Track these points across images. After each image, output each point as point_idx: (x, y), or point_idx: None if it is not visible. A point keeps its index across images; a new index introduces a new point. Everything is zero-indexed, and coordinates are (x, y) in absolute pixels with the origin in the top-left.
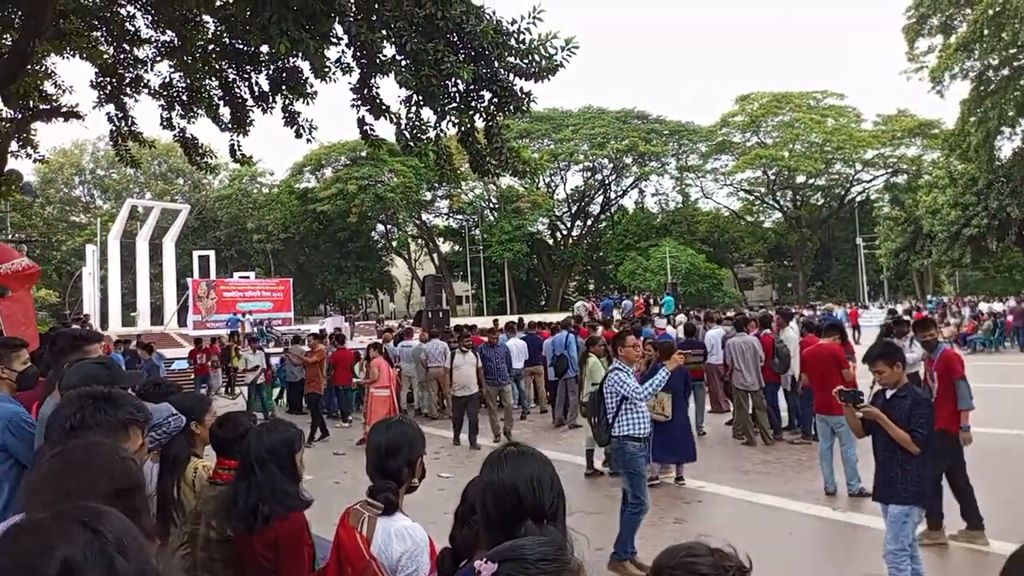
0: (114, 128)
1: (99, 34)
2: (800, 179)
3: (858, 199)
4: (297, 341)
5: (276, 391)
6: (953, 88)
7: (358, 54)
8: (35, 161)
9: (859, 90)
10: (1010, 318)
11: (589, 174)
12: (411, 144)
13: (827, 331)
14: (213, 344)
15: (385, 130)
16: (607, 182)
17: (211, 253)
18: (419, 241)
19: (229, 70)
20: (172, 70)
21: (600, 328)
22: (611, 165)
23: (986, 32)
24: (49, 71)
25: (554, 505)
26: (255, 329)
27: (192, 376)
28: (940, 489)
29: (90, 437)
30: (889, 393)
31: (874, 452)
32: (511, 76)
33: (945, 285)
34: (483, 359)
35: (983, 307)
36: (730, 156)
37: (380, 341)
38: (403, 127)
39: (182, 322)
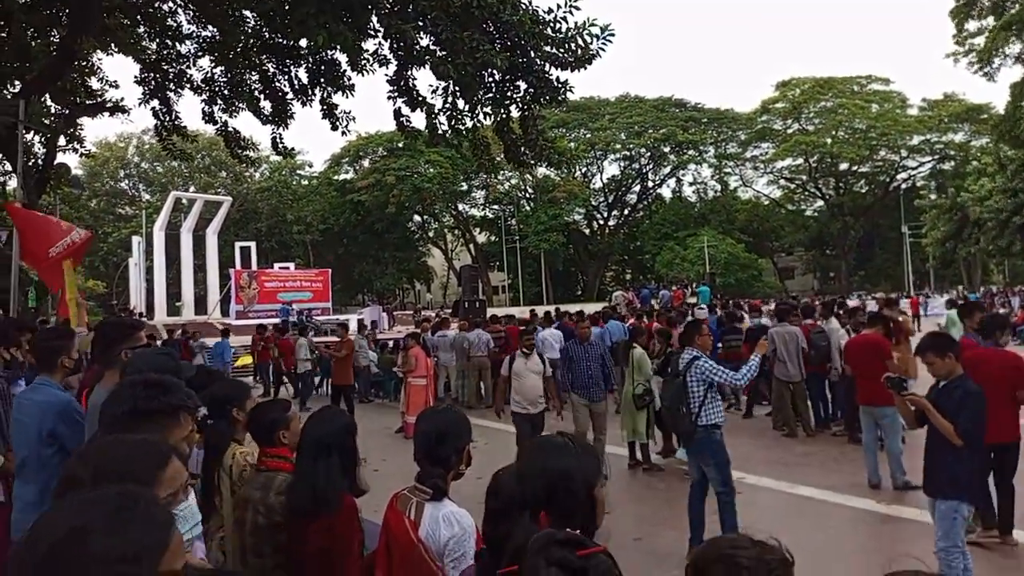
0: (159, 123)
1: (142, 30)
2: (843, 166)
3: (903, 186)
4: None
5: (317, 379)
6: (1003, 71)
7: (394, 46)
8: (81, 155)
9: (904, 74)
10: None
11: (626, 163)
12: (444, 134)
13: (870, 322)
14: (265, 333)
15: (422, 121)
16: (644, 171)
17: (252, 244)
18: (456, 231)
19: (269, 64)
20: (214, 65)
21: (643, 319)
22: (648, 154)
23: None
24: (95, 67)
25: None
26: (299, 319)
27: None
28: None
29: (143, 422)
30: (942, 384)
31: (926, 443)
32: (547, 66)
33: (994, 274)
34: (569, 361)
35: None
36: (770, 143)
37: (418, 331)
38: (437, 118)
39: (225, 312)
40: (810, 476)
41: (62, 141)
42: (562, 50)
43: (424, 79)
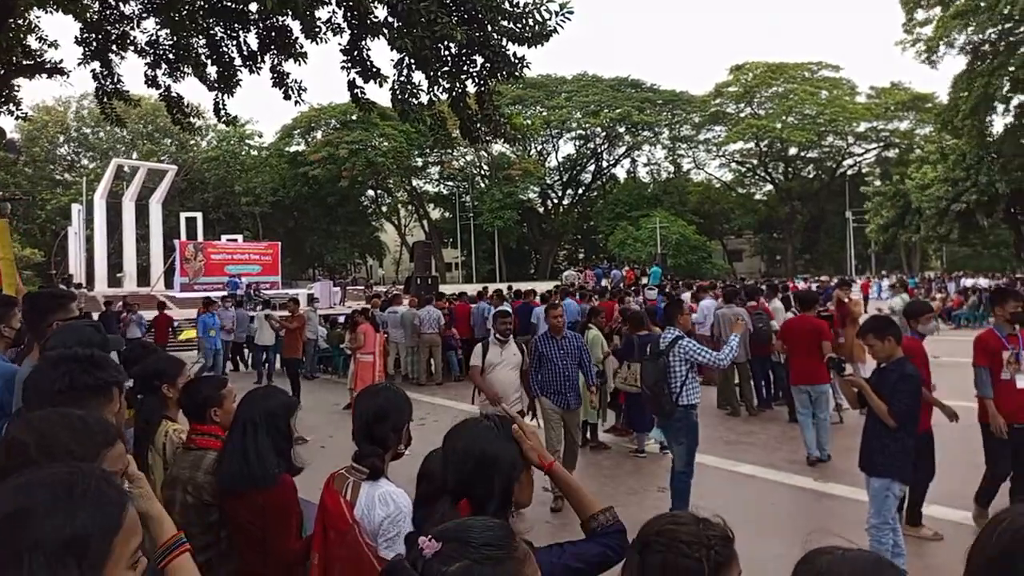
0: (99, 86)
1: None
2: (792, 151)
3: (849, 172)
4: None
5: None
6: (948, 61)
7: (349, 15)
8: (17, 119)
9: (854, 62)
10: None
11: (581, 142)
12: (406, 109)
13: (807, 305)
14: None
15: (377, 93)
16: (599, 151)
17: (198, 215)
18: (409, 207)
19: (217, 28)
20: (158, 27)
21: (595, 299)
22: (604, 134)
23: (983, 3)
24: (32, 25)
25: (488, 487)
26: (245, 293)
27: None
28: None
29: (76, 398)
30: (882, 366)
31: (864, 423)
32: (504, 41)
33: (932, 260)
34: (538, 359)
35: (967, 283)
36: (723, 127)
37: (368, 307)
38: (397, 91)
39: (169, 284)
40: (752, 454)
41: None
42: (519, 25)
43: (380, 50)
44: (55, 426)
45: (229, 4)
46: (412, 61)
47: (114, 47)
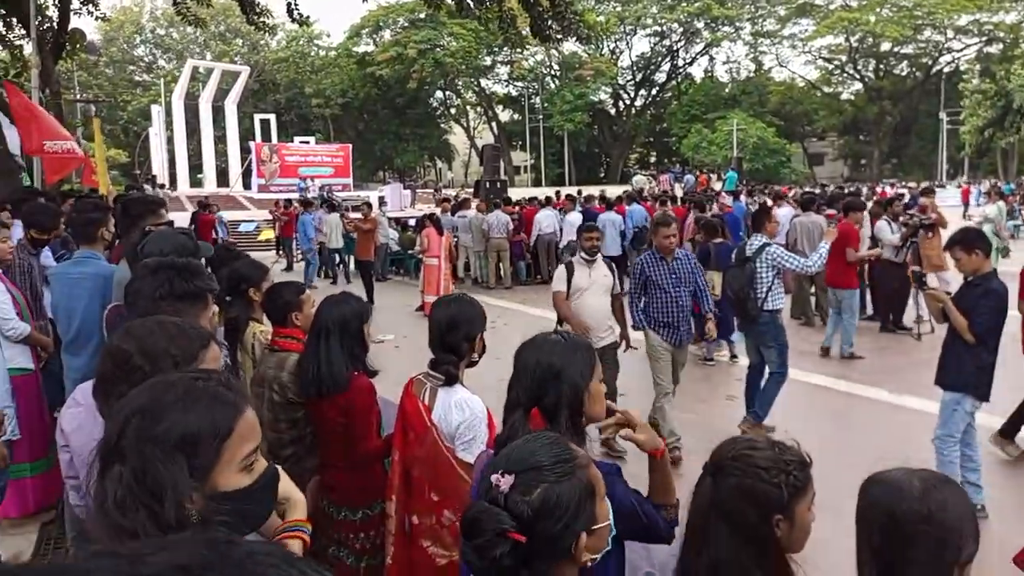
0: None
1: None
2: (885, 46)
3: (946, 70)
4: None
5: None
6: None
7: None
8: (97, 19)
9: None
10: None
11: (657, 39)
12: (472, 6)
13: (850, 211)
14: (289, 207)
15: None
16: (675, 48)
17: (272, 117)
18: (478, 109)
19: None
20: None
21: (669, 204)
22: (681, 30)
23: None
24: None
25: (552, 399)
26: (319, 195)
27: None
28: None
29: (175, 305)
30: (967, 280)
31: (944, 336)
32: None
33: None
34: (643, 284)
35: None
36: (811, 20)
37: (438, 211)
38: None
39: (247, 185)
40: (824, 365)
41: (76, 3)
42: None
43: None
44: (153, 333)
45: None
46: None
47: None
